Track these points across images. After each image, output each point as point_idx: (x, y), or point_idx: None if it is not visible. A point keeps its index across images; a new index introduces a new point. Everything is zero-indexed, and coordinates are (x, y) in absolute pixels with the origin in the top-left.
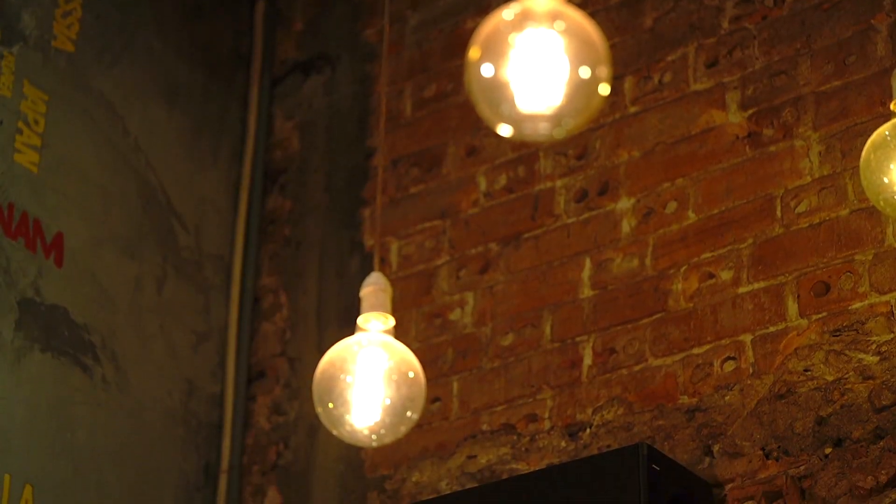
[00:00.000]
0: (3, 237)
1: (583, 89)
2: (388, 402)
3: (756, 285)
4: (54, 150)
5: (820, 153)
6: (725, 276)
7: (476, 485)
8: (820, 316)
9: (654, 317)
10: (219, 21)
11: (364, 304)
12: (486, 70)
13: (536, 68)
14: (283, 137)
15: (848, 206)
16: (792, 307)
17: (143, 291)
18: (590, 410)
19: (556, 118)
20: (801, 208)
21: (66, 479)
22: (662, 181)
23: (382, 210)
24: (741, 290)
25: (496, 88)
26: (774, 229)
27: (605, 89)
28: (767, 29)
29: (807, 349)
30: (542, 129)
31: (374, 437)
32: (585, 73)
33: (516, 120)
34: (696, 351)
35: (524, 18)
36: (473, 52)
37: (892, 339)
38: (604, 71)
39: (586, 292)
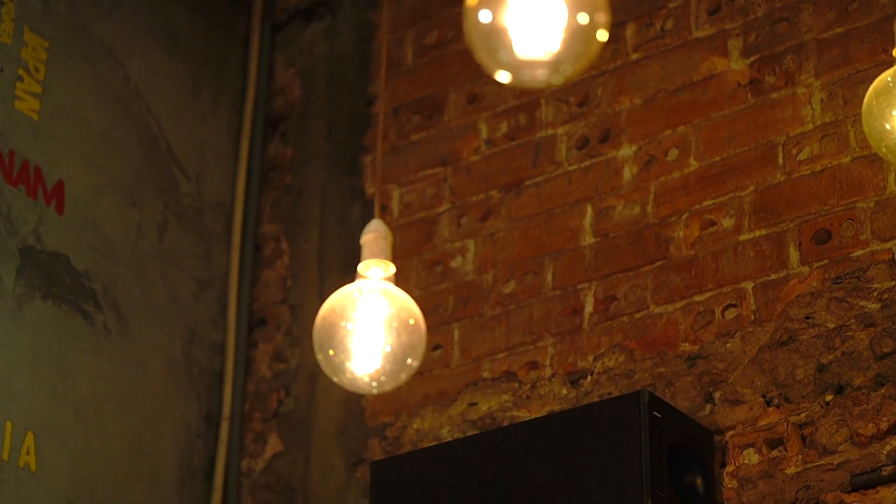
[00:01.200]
0: (4, 184)
1: (581, 35)
2: (388, 349)
3: (757, 233)
4: (55, 97)
5: (822, 100)
6: (727, 223)
7: (477, 432)
8: (821, 263)
9: (656, 264)
10: None
11: (365, 252)
12: (484, 16)
13: (534, 14)
14: (284, 84)
15: (850, 153)
16: (793, 254)
17: (144, 239)
18: (591, 358)
19: (555, 64)
20: (803, 155)
21: (67, 427)
22: (664, 128)
23: (383, 157)
24: (742, 237)
25: (494, 35)
26: (776, 177)
27: (603, 35)
28: None
29: (808, 296)
30: (541, 75)
31: (374, 384)
32: (583, 19)
33: (514, 66)
34: (697, 298)
35: None
36: None
37: (893, 286)
38: (602, 17)
39: (587, 240)
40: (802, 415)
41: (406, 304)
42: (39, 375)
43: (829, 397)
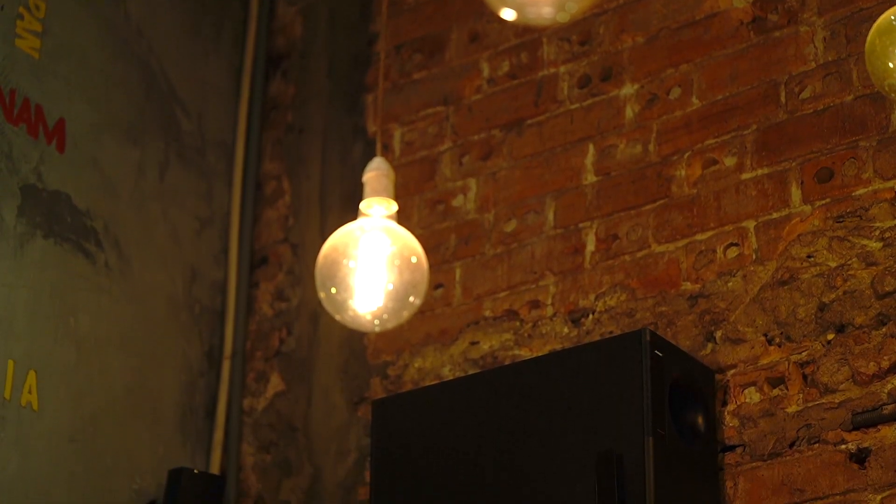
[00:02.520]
0: (5, 123)
1: None
2: (390, 287)
3: (760, 171)
4: (56, 35)
5: (825, 38)
6: (729, 162)
7: (478, 371)
8: (823, 202)
9: (658, 203)
10: None
11: (367, 189)
12: None
13: None
14: (286, 22)
15: (852, 91)
16: (795, 193)
17: (146, 177)
18: (592, 296)
19: (560, 2)
20: (806, 94)
21: (69, 365)
22: (666, 67)
23: (385, 96)
24: (745, 176)
25: None
26: (778, 115)
27: None
28: None
29: (810, 235)
30: (546, 13)
31: (376, 322)
32: None
33: (520, 3)
34: (699, 237)
35: None
36: None
37: (895, 225)
38: None
39: (589, 178)
40: (804, 354)
41: (408, 242)
42: (41, 314)
43: (830, 336)
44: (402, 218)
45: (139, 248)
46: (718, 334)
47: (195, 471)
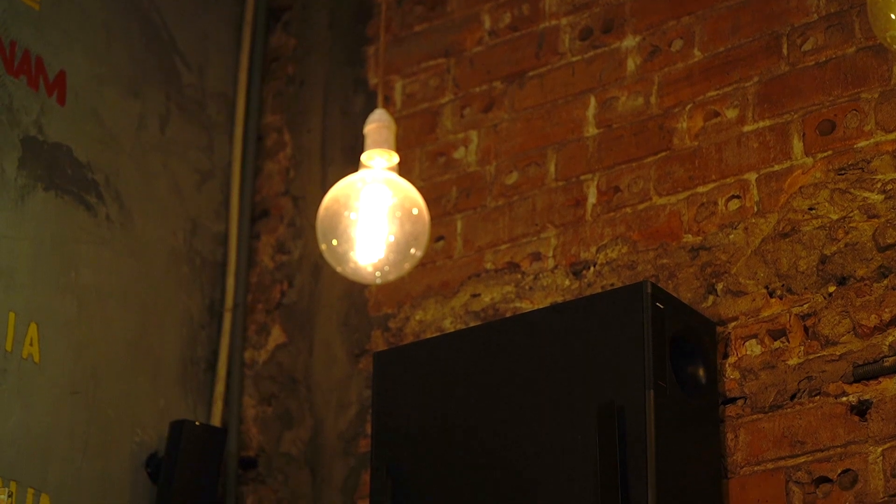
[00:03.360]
0: (6, 75)
1: None
2: (391, 238)
3: (761, 124)
4: None
5: None
6: (731, 114)
7: (479, 323)
8: (825, 154)
9: (659, 155)
10: None
11: (368, 141)
12: None
13: None
14: None
15: (854, 43)
16: (797, 145)
17: (147, 130)
18: (594, 249)
19: None
20: (808, 46)
21: (70, 318)
22: (668, 19)
23: (386, 48)
24: (746, 128)
25: None
26: (780, 67)
27: None
28: None
29: (812, 188)
30: None
31: (377, 273)
32: None
33: None
34: (700, 189)
35: None
36: None
37: None
38: None
39: (591, 131)
40: (805, 306)
41: (409, 194)
42: (42, 266)
43: (831, 288)
44: (403, 170)
45: (140, 201)
46: (720, 286)
47: (196, 423)
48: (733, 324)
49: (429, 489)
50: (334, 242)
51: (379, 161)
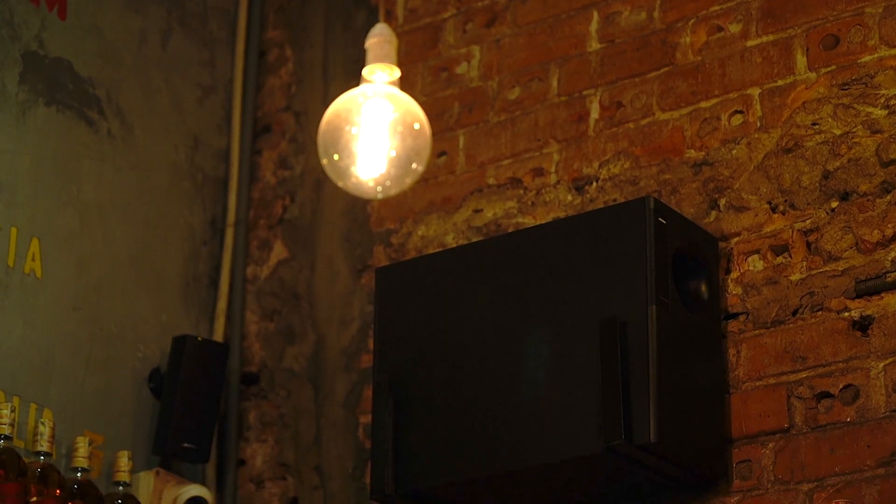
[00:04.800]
0: None
1: None
2: (393, 153)
3: (765, 38)
4: None
5: None
6: (734, 28)
7: (482, 238)
8: (829, 69)
9: (662, 70)
10: None
11: (369, 56)
12: None
13: None
14: None
15: None
16: (801, 60)
17: (148, 45)
18: (596, 164)
19: None
20: None
21: (72, 233)
22: None
23: None
24: (750, 43)
25: None
26: None
27: None
28: None
29: (815, 103)
30: None
31: (379, 188)
32: None
33: None
34: (703, 104)
35: None
36: None
37: None
38: None
39: (594, 46)
40: (807, 221)
41: (411, 108)
42: (44, 182)
43: (834, 204)
44: (405, 86)
45: (142, 117)
46: (722, 202)
47: (199, 338)
48: (736, 239)
49: (430, 404)
50: (335, 157)
51: (380, 76)
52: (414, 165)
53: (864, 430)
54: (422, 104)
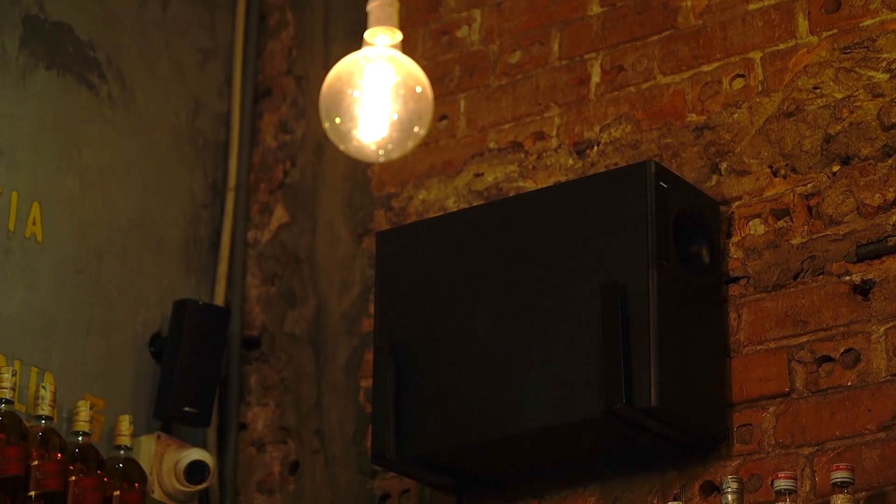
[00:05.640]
0: None
1: None
2: (395, 116)
3: (766, 2)
4: None
5: None
6: None
7: (483, 202)
8: (830, 33)
9: (664, 34)
10: None
11: (371, 19)
12: None
13: None
14: None
15: None
16: (802, 24)
17: (148, 8)
18: (597, 128)
19: None
20: None
21: (73, 197)
22: None
23: None
24: (751, 6)
25: None
26: None
27: None
28: None
29: (816, 66)
30: None
31: (381, 152)
32: None
33: None
34: (704, 68)
35: None
36: None
37: None
38: None
39: (595, 9)
40: (809, 185)
41: (413, 71)
42: (44, 146)
43: (835, 168)
44: (406, 49)
45: (142, 80)
46: (724, 166)
47: (200, 302)
48: (737, 203)
49: (432, 368)
50: (337, 120)
51: (382, 39)
52: (416, 129)
53: (865, 394)
54: (423, 68)
